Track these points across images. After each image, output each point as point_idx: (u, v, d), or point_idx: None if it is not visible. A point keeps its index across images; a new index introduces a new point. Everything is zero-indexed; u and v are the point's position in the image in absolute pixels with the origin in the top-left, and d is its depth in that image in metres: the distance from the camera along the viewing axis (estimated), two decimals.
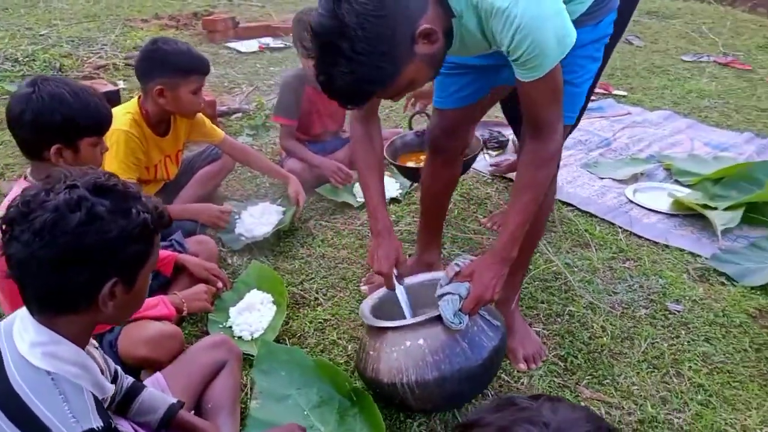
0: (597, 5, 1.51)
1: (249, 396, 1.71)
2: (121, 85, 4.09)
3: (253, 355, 1.79)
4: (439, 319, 1.50)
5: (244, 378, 1.75)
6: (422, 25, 1.24)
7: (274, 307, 2.03)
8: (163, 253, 1.99)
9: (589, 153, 3.45)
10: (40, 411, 0.96)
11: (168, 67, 2.14)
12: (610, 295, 2.18)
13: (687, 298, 2.16)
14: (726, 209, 2.67)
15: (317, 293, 2.17)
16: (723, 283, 2.26)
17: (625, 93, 4.44)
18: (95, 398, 1.04)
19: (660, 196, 2.92)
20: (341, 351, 1.91)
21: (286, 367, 1.76)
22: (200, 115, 2.42)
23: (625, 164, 3.26)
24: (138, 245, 1.05)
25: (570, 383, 1.79)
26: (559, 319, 2.04)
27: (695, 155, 3.33)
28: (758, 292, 2.20)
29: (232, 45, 5.37)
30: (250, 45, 5.37)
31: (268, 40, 5.54)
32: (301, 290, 2.18)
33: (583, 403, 1.70)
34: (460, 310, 1.49)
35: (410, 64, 1.26)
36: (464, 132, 2.00)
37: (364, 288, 2.19)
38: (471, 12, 1.29)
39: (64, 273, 0.99)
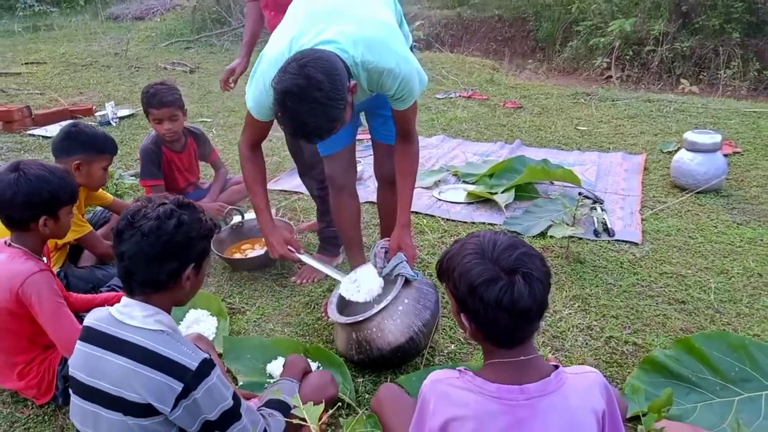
0: None
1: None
2: None
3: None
4: (403, 283, 2.14)
5: None
6: (351, 81, 1.85)
7: (215, 317, 2.49)
8: (110, 294, 2.36)
9: None
10: (171, 354, 1.43)
11: (86, 146, 2.53)
12: None
13: None
14: (503, 192, 3.74)
15: (240, 303, 2.67)
16: None
17: None
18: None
19: (457, 192, 3.93)
20: (282, 334, 2.45)
21: (249, 351, 2.27)
22: None
23: (426, 176, 4.22)
24: (205, 242, 1.57)
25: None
26: None
27: (471, 162, 4.45)
28: (538, 238, 3.23)
29: (35, 132, 5.39)
30: (54, 130, 5.41)
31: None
32: (226, 304, 2.66)
33: None
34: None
35: (347, 108, 1.82)
36: (353, 166, 2.63)
37: (294, 279, 2.82)
38: (364, 73, 1.95)
39: (162, 261, 1.48)
